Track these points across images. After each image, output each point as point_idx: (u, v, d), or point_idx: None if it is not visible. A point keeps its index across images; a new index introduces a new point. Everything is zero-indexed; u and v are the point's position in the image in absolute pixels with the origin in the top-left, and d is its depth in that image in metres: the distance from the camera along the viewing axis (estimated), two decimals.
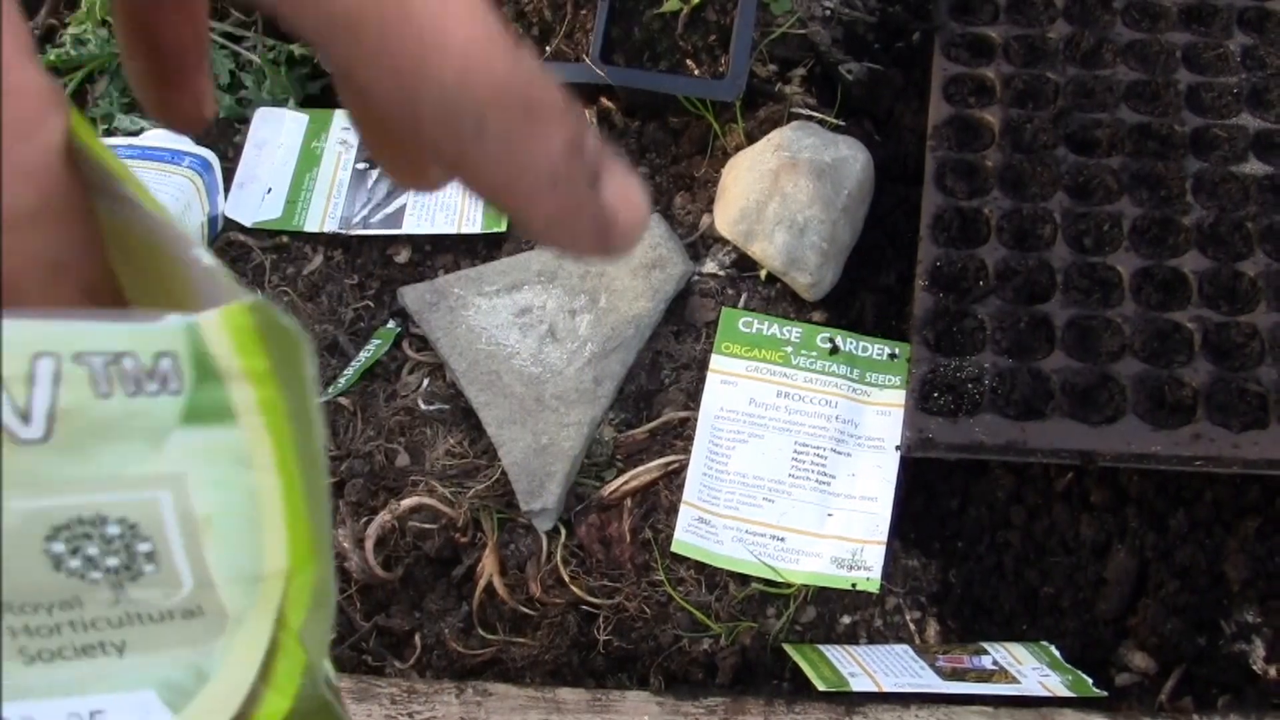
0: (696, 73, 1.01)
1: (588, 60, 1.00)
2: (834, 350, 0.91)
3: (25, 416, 0.23)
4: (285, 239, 1.02)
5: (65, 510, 0.24)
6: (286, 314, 0.25)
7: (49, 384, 0.23)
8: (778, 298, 0.95)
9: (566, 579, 0.85)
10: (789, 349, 0.91)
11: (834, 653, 0.80)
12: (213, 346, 0.24)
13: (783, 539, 0.85)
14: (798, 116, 1.00)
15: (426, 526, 0.87)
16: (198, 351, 0.24)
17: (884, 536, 0.85)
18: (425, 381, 0.94)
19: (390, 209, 1.02)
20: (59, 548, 0.25)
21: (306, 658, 0.28)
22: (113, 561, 0.25)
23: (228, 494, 0.25)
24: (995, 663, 0.79)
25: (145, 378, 0.24)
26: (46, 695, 0.26)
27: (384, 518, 0.86)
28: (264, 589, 0.27)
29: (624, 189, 0.25)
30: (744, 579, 0.84)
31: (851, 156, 0.94)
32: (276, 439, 0.25)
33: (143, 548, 0.25)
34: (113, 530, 0.25)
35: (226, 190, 1.03)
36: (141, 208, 0.26)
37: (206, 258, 0.25)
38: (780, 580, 0.84)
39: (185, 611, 0.26)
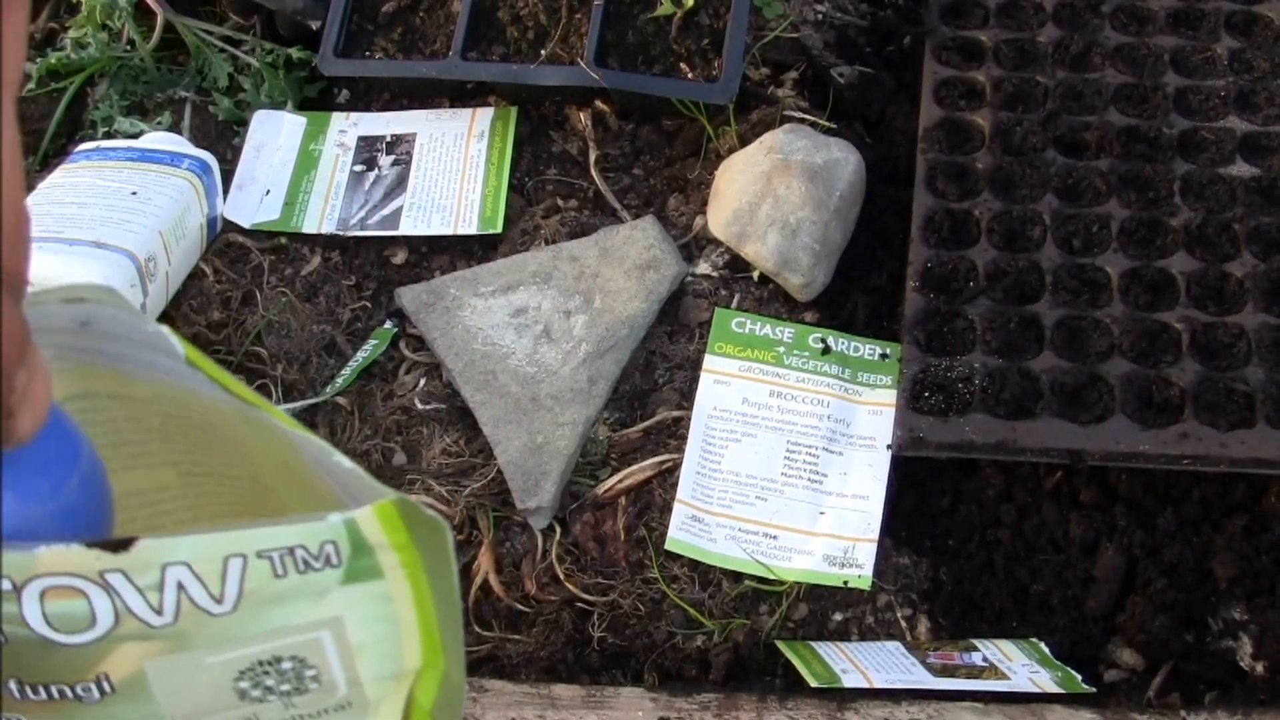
0: (690, 76, 1.02)
1: (583, 63, 1.01)
2: (826, 350, 0.92)
3: (219, 599, 0.30)
4: (283, 240, 1.03)
5: (248, 657, 0.32)
6: (428, 506, 0.32)
7: (238, 575, 0.30)
8: (770, 298, 0.95)
9: (561, 576, 0.86)
10: (781, 349, 0.92)
11: (826, 649, 0.80)
12: (365, 531, 0.31)
13: (775, 537, 0.86)
14: (790, 119, 1.01)
15: None
16: (354, 536, 0.31)
17: (875, 534, 0.85)
18: (422, 381, 0.95)
19: (387, 210, 1.03)
20: (244, 685, 0.32)
21: None
22: (285, 688, 0.33)
23: (375, 625, 0.33)
24: (985, 659, 0.79)
25: (313, 559, 0.31)
26: None
27: None
28: (400, 681, 0.34)
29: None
30: (737, 576, 0.85)
31: (843, 159, 0.95)
32: (414, 582, 0.33)
33: (309, 674, 0.33)
34: (286, 665, 0.32)
35: (225, 192, 1.03)
36: (287, 431, 0.34)
37: (346, 461, 0.33)
38: (773, 578, 0.84)
39: (338, 706, 0.34)
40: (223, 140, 1.08)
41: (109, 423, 0.37)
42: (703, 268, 0.98)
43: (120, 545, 0.29)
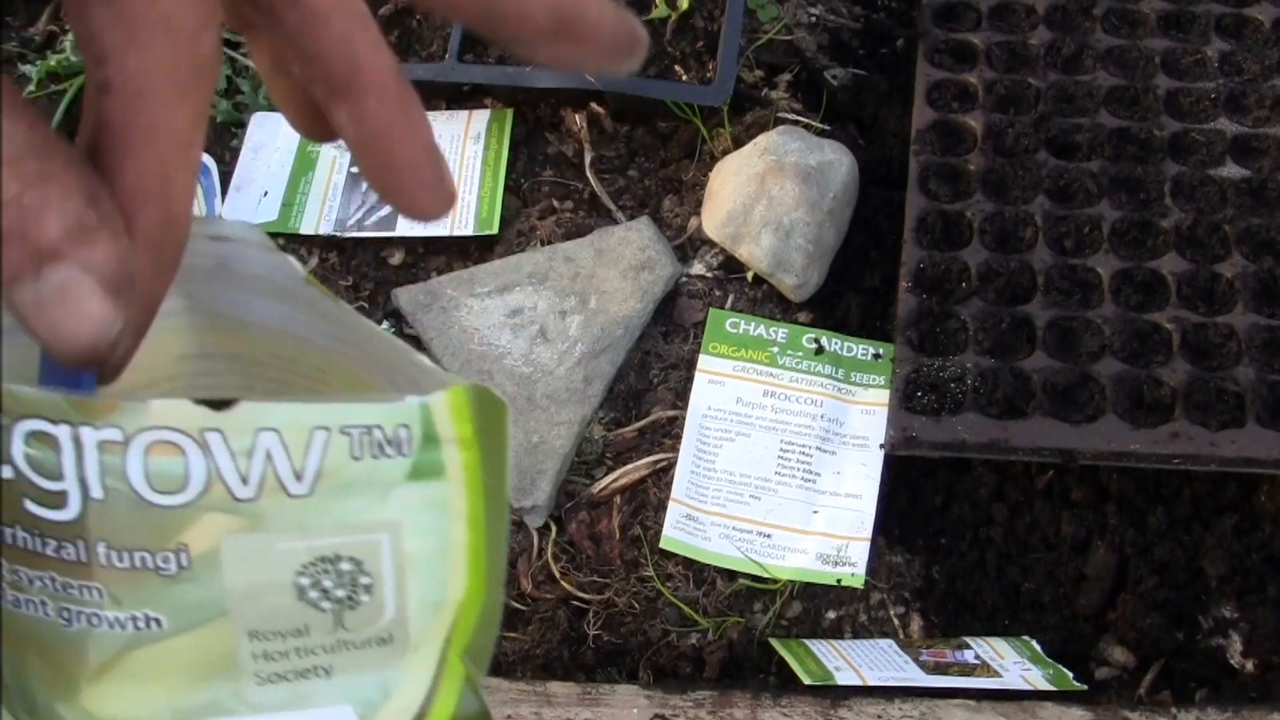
0: (684, 78, 1.02)
1: None
2: (819, 350, 0.93)
3: (299, 476, 0.30)
4: (281, 241, 1.03)
5: (314, 550, 0.31)
6: (495, 390, 0.31)
7: (320, 450, 0.30)
8: (764, 299, 0.96)
9: (557, 575, 0.86)
10: (775, 349, 0.93)
11: (819, 647, 0.81)
12: (437, 418, 0.30)
13: (769, 535, 0.87)
14: (784, 121, 1.02)
15: None
16: (426, 422, 0.30)
17: (868, 533, 0.86)
18: None
19: (384, 211, 1.03)
20: (304, 581, 0.31)
21: (466, 672, 0.34)
22: (340, 593, 0.32)
23: (429, 537, 0.32)
24: (978, 657, 0.80)
25: (387, 443, 0.30)
26: (271, 712, 0.33)
27: None
28: (441, 616, 0.33)
29: None
30: (731, 575, 0.86)
31: (837, 160, 0.96)
32: (471, 492, 0.32)
33: (364, 581, 0.32)
34: (345, 567, 0.31)
35: (223, 193, 1.04)
36: (372, 325, 0.35)
37: (425, 359, 0.33)
38: (767, 576, 0.85)
39: (380, 639, 0.33)
40: (221, 142, 1.09)
41: (218, 388, 0.37)
42: (697, 268, 0.98)
43: (224, 404, 0.29)
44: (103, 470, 0.29)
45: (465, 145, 1.06)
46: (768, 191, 0.94)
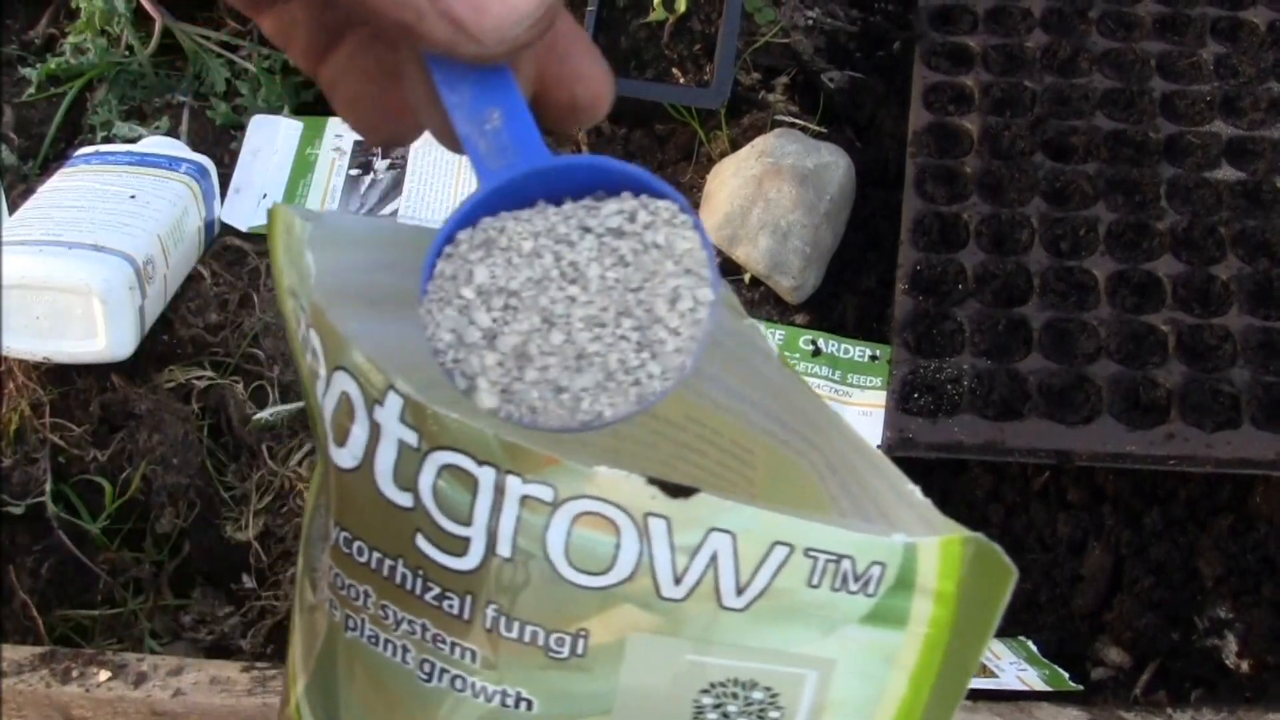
0: (682, 81, 1.03)
1: None
2: (816, 352, 0.93)
3: (740, 589, 0.26)
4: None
5: (727, 670, 0.28)
6: (1000, 548, 0.28)
7: (774, 568, 0.26)
8: (761, 301, 0.96)
9: None
10: None
11: None
12: (921, 564, 0.27)
13: None
14: (781, 124, 1.02)
15: None
16: (905, 566, 0.27)
17: None
18: None
19: (383, 214, 1.04)
20: (707, 700, 0.28)
21: None
22: None
23: (863, 685, 0.28)
24: None
25: (853, 578, 0.27)
26: None
27: None
28: None
29: None
30: None
31: (833, 162, 0.96)
32: (928, 650, 0.28)
33: (773, 714, 0.28)
34: (756, 695, 0.28)
35: (223, 196, 1.04)
36: (854, 433, 0.31)
37: (918, 491, 0.29)
38: None
39: None
40: (220, 144, 1.09)
41: (615, 434, 0.33)
42: None
43: (682, 491, 0.25)
44: (519, 528, 0.26)
45: None
46: (765, 194, 0.94)
